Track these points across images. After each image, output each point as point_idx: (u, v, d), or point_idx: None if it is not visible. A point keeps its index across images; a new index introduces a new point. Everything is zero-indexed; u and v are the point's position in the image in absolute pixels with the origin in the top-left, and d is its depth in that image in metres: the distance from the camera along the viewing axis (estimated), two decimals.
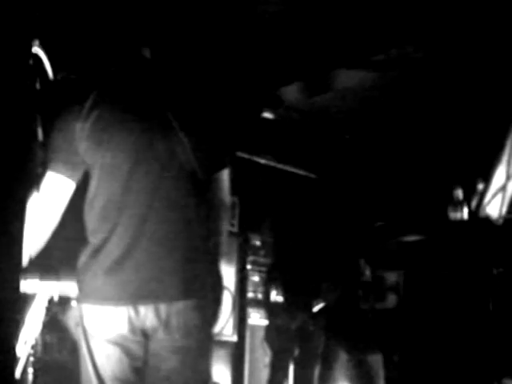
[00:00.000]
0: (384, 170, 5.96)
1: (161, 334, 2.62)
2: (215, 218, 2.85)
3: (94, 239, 2.67)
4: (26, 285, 2.60)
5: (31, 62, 2.18)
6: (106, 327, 2.60)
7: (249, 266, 6.25)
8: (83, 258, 2.68)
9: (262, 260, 6.57)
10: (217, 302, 2.85)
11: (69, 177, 2.71)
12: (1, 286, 1.88)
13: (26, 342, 2.59)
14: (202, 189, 2.78)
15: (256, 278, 6.43)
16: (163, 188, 2.67)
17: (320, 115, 6.37)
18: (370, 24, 4.89)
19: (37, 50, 2.35)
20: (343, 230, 4.45)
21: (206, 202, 2.80)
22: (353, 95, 5.93)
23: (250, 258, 6.31)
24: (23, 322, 2.57)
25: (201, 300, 2.68)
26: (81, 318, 2.67)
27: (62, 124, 2.71)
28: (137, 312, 2.59)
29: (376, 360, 4.36)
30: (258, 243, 6.60)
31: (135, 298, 2.59)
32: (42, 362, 3.72)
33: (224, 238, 2.92)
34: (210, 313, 2.77)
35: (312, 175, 6.66)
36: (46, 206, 2.69)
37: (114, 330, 2.60)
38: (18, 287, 1.95)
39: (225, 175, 2.89)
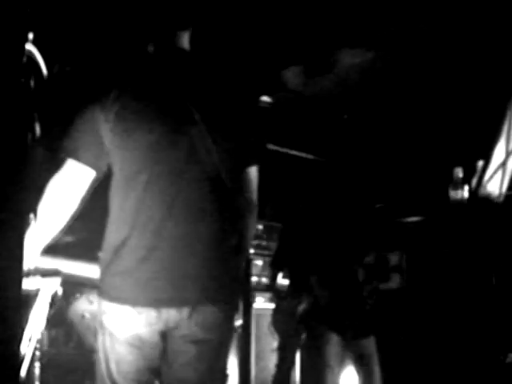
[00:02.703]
0: (383, 152, 5.96)
1: (182, 329, 2.58)
2: (241, 217, 2.78)
3: (113, 237, 2.63)
4: (29, 282, 2.60)
5: (25, 59, 2.16)
6: (123, 327, 2.57)
7: (252, 251, 6.25)
8: (105, 255, 2.64)
9: (264, 244, 6.59)
10: (236, 301, 2.85)
11: (90, 166, 2.65)
12: (3, 284, 1.88)
13: (30, 339, 2.60)
14: (225, 187, 2.69)
15: (259, 262, 6.44)
16: (184, 187, 2.61)
17: (318, 96, 6.36)
18: (369, 3, 4.88)
19: (30, 47, 2.35)
20: (344, 212, 4.43)
21: (231, 201, 2.72)
22: (352, 76, 5.92)
23: (253, 242, 6.30)
24: (27, 320, 2.58)
25: (223, 302, 2.63)
26: (100, 314, 2.64)
27: (87, 114, 2.66)
28: (159, 313, 2.55)
29: (370, 343, 4.37)
30: (260, 227, 6.62)
31: (158, 301, 2.55)
32: (48, 356, 3.74)
33: (250, 238, 2.87)
34: (231, 312, 2.73)
35: (312, 157, 6.66)
36: (64, 193, 2.66)
37: (131, 331, 2.56)
38: (20, 285, 1.95)
39: (252, 173, 2.80)
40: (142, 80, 2.71)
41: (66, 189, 2.66)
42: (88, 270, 3.75)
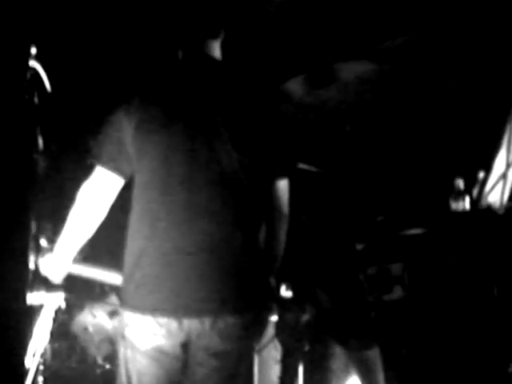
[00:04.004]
0: (383, 163, 5.96)
1: (203, 339, 2.55)
2: (270, 228, 2.77)
3: (134, 246, 2.61)
4: (33, 297, 2.61)
5: (29, 75, 2.19)
6: (145, 338, 2.54)
7: None
8: (126, 264, 2.62)
9: None
10: (265, 313, 2.84)
11: (118, 173, 2.64)
12: (8, 299, 1.90)
13: (34, 354, 2.61)
14: (250, 197, 2.67)
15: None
16: (204, 196, 2.58)
17: (320, 108, 6.37)
18: (370, 14, 4.89)
19: (34, 63, 2.37)
20: (344, 223, 4.44)
21: (257, 212, 2.71)
22: (353, 87, 5.93)
23: None
24: (31, 334, 2.59)
25: (245, 312, 2.60)
26: (122, 326, 2.61)
27: (112, 121, 2.65)
28: (181, 324, 2.52)
29: (374, 354, 4.36)
30: None
31: (179, 311, 2.52)
32: (51, 368, 3.74)
33: (281, 249, 2.84)
34: (256, 324, 2.70)
35: (314, 169, 6.67)
36: (92, 202, 2.66)
37: (153, 342, 2.54)
38: (24, 300, 1.97)
39: (282, 185, 2.78)
40: (167, 86, 2.69)
41: (97, 197, 2.66)
42: (109, 276, 3.76)
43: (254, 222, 2.70)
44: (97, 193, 2.66)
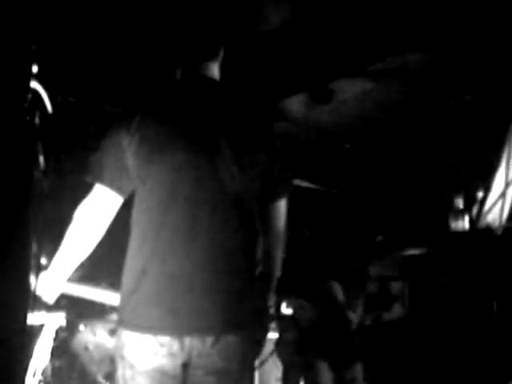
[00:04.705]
0: (383, 182, 5.98)
1: (203, 358, 2.55)
2: (267, 247, 2.79)
3: (134, 265, 2.60)
4: (34, 317, 2.61)
5: (30, 96, 2.21)
6: (144, 357, 2.53)
7: None
8: (125, 283, 2.62)
9: None
10: (263, 331, 2.81)
11: (118, 191, 2.66)
12: (8, 318, 1.91)
13: (35, 374, 2.61)
14: (250, 216, 2.68)
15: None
16: (205, 214, 2.58)
17: (319, 126, 6.39)
18: (368, 33, 4.91)
19: (35, 84, 2.39)
20: (343, 243, 4.46)
21: (256, 230, 2.71)
22: (352, 106, 5.95)
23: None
24: (32, 354, 2.59)
25: (247, 331, 2.61)
26: (121, 346, 2.59)
27: (112, 140, 2.66)
28: (182, 344, 2.52)
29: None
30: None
31: (180, 330, 2.52)
32: None
33: (276, 269, 2.86)
34: (255, 342, 2.71)
35: (314, 186, 6.68)
36: (91, 220, 2.67)
37: (153, 362, 2.53)
38: (25, 320, 1.98)
39: (280, 203, 2.81)
40: (167, 106, 2.71)
41: (95, 215, 2.68)
42: (107, 296, 3.76)
43: (253, 242, 2.70)
44: (95, 211, 2.67)
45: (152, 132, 2.62)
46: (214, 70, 2.80)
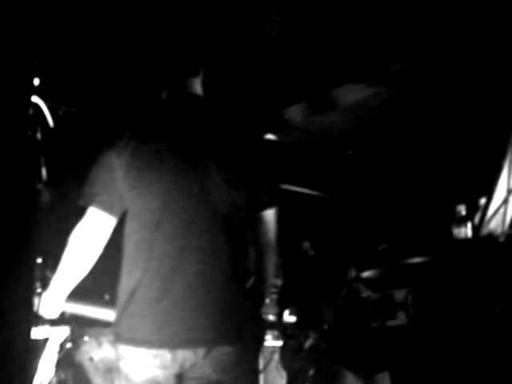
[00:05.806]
0: (385, 190, 5.97)
1: (196, 370, 2.58)
2: (258, 258, 2.83)
3: (127, 280, 2.65)
4: (38, 331, 2.62)
5: (31, 111, 2.22)
6: (139, 370, 2.57)
7: None
8: (120, 298, 2.67)
9: None
10: (257, 342, 2.85)
11: (110, 213, 2.72)
12: (13, 333, 1.92)
13: None
14: (239, 228, 2.72)
15: (266, 300, 6.42)
16: (196, 229, 2.63)
17: (321, 133, 6.39)
18: (369, 40, 4.92)
19: (36, 99, 2.40)
20: (345, 250, 4.46)
21: (246, 242, 2.76)
22: (354, 113, 5.95)
23: None
24: (36, 369, 2.60)
25: (239, 343, 2.63)
26: (117, 360, 2.64)
27: (103, 160, 2.72)
28: (174, 355, 2.55)
29: (383, 378, 4.38)
30: None
31: (173, 342, 2.56)
32: None
33: (269, 279, 2.89)
34: (249, 352, 2.73)
35: (316, 193, 6.68)
36: (86, 242, 2.72)
37: (147, 374, 2.57)
38: (29, 334, 1.98)
39: (269, 214, 2.84)
40: (155, 125, 2.76)
41: (90, 237, 2.73)
42: (103, 313, 3.77)
43: (243, 254, 2.75)
44: (90, 233, 2.73)
45: (141, 153, 2.68)
46: (197, 86, 2.86)
